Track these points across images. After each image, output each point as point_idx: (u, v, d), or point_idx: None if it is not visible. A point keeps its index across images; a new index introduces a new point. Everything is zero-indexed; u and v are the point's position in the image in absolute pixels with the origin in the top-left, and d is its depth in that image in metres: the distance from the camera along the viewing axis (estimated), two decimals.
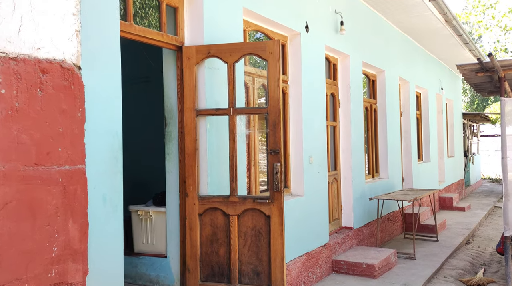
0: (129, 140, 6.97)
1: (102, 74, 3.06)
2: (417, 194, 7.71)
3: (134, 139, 6.99)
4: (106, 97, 3.09)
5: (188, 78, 3.95)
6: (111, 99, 3.12)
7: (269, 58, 3.79)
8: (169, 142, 4.16)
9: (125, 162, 7.00)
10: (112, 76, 3.14)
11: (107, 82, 3.10)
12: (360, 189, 7.27)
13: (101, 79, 3.06)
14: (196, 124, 3.94)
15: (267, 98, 3.80)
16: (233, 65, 3.87)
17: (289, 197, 5.46)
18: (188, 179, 3.94)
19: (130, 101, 7.09)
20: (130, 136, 6.97)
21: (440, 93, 12.61)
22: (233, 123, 3.87)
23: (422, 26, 9.08)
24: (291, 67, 5.66)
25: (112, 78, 3.14)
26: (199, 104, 4.01)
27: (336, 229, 6.79)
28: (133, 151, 6.98)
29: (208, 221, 3.92)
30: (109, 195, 3.05)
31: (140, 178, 6.90)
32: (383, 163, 8.52)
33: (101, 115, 3.04)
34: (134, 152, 6.99)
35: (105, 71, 3.09)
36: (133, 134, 6.99)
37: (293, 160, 5.62)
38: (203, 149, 4.00)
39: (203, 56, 3.93)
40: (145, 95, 6.76)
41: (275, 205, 3.76)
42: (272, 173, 3.76)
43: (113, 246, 3.10)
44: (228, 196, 3.88)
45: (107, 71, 3.11)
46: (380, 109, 8.55)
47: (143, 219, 4.37)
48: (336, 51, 6.74)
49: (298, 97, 5.61)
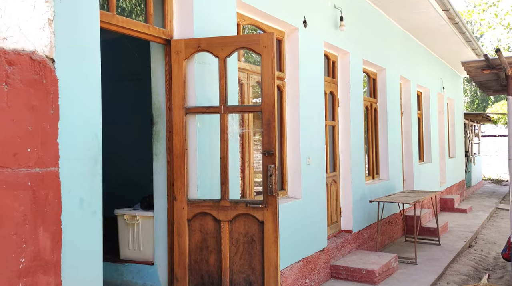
0: (120, 140, 6.77)
1: (79, 68, 2.81)
2: (419, 196, 7.46)
3: (126, 139, 6.74)
4: (84, 94, 2.83)
5: (176, 74, 3.70)
6: (90, 96, 2.87)
7: (263, 53, 3.54)
8: (157, 142, 3.90)
9: (117, 163, 6.80)
10: (91, 72, 2.88)
11: (86, 77, 2.84)
12: (360, 191, 7.01)
13: (79, 74, 2.80)
14: (185, 123, 3.69)
15: (261, 95, 3.54)
16: (224, 60, 3.62)
17: (285, 200, 5.21)
18: (177, 182, 3.69)
19: (123, 99, 6.88)
20: (122, 137, 6.76)
21: (441, 93, 12.36)
22: (225, 122, 3.61)
23: (424, 23, 8.83)
24: (288, 64, 5.40)
25: (91, 74, 2.88)
26: (188, 102, 3.76)
27: (334, 233, 6.54)
28: (125, 151, 6.75)
29: (197, 226, 3.67)
30: (86, 199, 2.80)
31: (132, 179, 6.66)
32: (384, 164, 8.27)
33: (79, 114, 2.78)
34: (127, 153, 6.75)
35: (83, 66, 2.83)
36: (124, 134, 6.75)
37: (290, 161, 5.37)
38: (193, 150, 3.75)
39: (192, 50, 3.68)
40: (138, 94, 6.51)
41: (269, 210, 3.51)
42: (266, 176, 3.51)
43: (92, 254, 2.85)
44: (219, 200, 3.62)
45: (86, 66, 2.85)
46: (381, 109, 8.30)
47: (130, 223, 4.12)
48: (336, 48, 6.48)
49: (296, 96, 5.36)
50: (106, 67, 7.22)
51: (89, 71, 2.87)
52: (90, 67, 2.87)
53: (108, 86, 7.36)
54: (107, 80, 7.27)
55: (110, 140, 6.89)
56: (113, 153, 6.77)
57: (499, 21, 17.84)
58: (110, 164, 6.78)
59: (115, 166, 6.61)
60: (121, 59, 6.60)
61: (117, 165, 6.52)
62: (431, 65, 11.51)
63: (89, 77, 2.86)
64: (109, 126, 7.19)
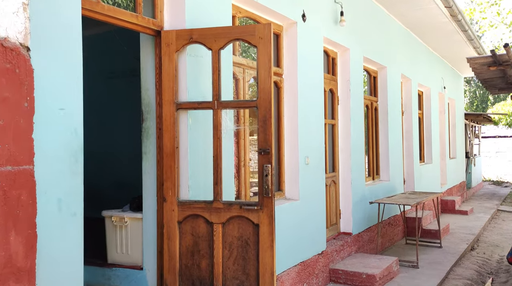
0: (115, 138, 6.54)
1: (58, 58, 2.58)
2: (420, 197, 7.25)
3: (121, 136, 6.52)
4: (64, 86, 2.61)
5: (167, 67, 3.48)
6: (70, 89, 2.64)
7: (259, 44, 3.32)
8: (147, 139, 3.68)
9: (110, 161, 6.56)
10: (72, 62, 2.66)
11: (65, 68, 2.62)
12: (360, 192, 6.80)
13: (58, 64, 2.58)
14: (176, 119, 3.47)
15: (257, 90, 3.33)
16: (218, 52, 3.40)
17: (283, 201, 4.99)
18: (167, 182, 3.47)
19: (119, 96, 6.65)
20: (117, 134, 6.53)
21: (442, 93, 12.16)
22: (218, 118, 3.39)
23: (425, 20, 8.62)
24: (286, 59, 5.18)
25: (72, 64, 2.66)
26: (179, 97, 3.54)
27: (334, 235, 6.33)
28: (120, 149, 6.51)
29: (188, 229, 3.45)
30: (65, 200, 2.57)
31: (125, 178, 6.43)
32: (384, 164, 8.06)
33: (57, 107, 2.56)
34: (121, 151, 6.52)
35: (63, 56, 2.61)
36: (119, 131, 6.52)
37: (288, 160, 5.15)
38: (184, 148, 3.53)
39: (184, 42, 3.46)
40: (133, 90, 6.28)
41: (265, 212, 3.29)
42: (262, 176, 3.29)
43: (71, 259, 2.63)
44: (211, 201, 3.40)
45: (66, 56, 2.62)
46: (381, 108, 8.08)
47: (118, 226, 3.90)
48: (336, 44, 6.27)
49: (294, 92, 5.14)
50: (101, 63, 7.05)
51: (70, 62, 2.64)
52: (70, 57, 2.65)
53: (103, 82, 7.18)
54: (101, 76, 7.09)
55: (104, 137, 6.69)
56: (106, 151, 6.56)
57: (501, 19, 17.63)
58: (103, 162, 6.58)
59: (109, 164, 6.40)
60: (117, 54, 6.38)
61: (110, 163, 6.30)
62: (432, 64, 11.31)
63: (70, 68, 2.64)
64: (103, 123, 7.00)
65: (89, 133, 7.24)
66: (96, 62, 7.17)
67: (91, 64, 7.40)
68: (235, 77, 4.43)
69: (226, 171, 3.85)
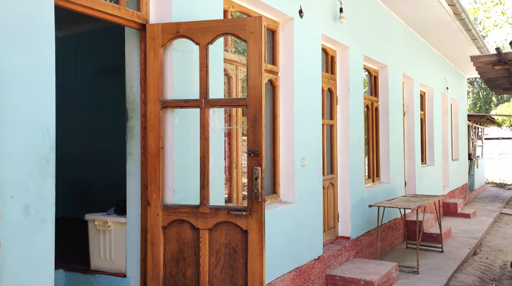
0: (107, 137, 6.35)
1: (27, 51, 2.38)
2: (421, 200, 7.03)
3: (113, 136, 6.32)
4: (34, 83, 2.41)
5: (152, 62, 3.28)
6: (40, 85, 2.44)
7: (249, 39, 3.12)
8: (131, 139, 3.49)
9: (103, 161, 6.36)
10: (43, 56, 2.46)
11: (36, 62, 2.42)
12: (359, 195, 6.59)
13: (26, 58, 2.38)
14: (161, 118, 3.27)
15: (247, 87, 3.13)
16: (206, 47, 3.20)
17: (277, 204, 4.78)
18: (151, 184, 3.27)
19: (105, 95, 6.47)
20: (109, 133, 6.33)
21: (445, 93, 11.93)
22: (205, 117, 3.19)
23: (428, 19, 8.39)
24: (282, 57, 4.98)
25: (43, 58, 2.46)
26: (165, 95, 3.34)
27: (331, 239, 6.11)
28: (111, 148, 6.31)
29: (173, 235, 3.25)
30: (34, 205, 2.37)
31: (119, 179, 6.23)
32: (385, 166, 7.84)
33: (25, 105, 2.36)
34: (113, 150, 6.32)
35: (33, 49, 2.41)
36: (114, 130, 6.32)
37: (283, 162, 4.94)
38: (170, 148, 3.33)
39: (170, 36, 3.26)
40: (123, 89, 6.09)
41: (254, 218, 3.09)
42: (251, 179, 3.08)
43: (41, 269, 2.42)
44: (197, 206, 3.20)
45: (36, 50, 2.42)
46: (382, 108, 7.87)
47: (101, 230, 3.69)
48: (334, 42, 6.06)
49: (290, 91, 4.94)
50: (95, 60, 6.84)
51: (40, 55, 2.44)
52: (41, 51, 2.45)
53: (94, 80, 6.98)
54: (95, 73, 6.89)
55: (99, 136, 6.50)
56: (102, 150, 6.36)
57: (506, 19, 17.33)
58: (99, 162, 6.38)
59: (106, 163, 6.20)
60: (109, 52, 6.18)
61: (107, 162, 6.10)
62: (435, 64, 11.08)
63: (41, 62, 2.44)
64: (98, 122, 6.80)
65: (83, 132, 7.09)
66: (90, 59, 7.00)
67: (85, 61, 7.25)
68: (227, 74, 4.23)
69: (216, 173, 3.65)
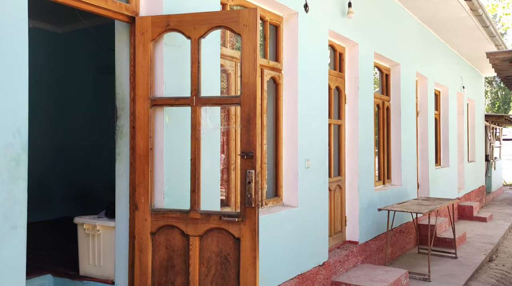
0: (110, 138, 6.19)
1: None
2: (434, 204, 6.73)
3: (106, 137, 6.17)
4: (3, 80, 2.23)
5: (141, 58, 3.09)
6: (11, 82, 2.26)
7: (243, 32, 2.90)
8: (120, 139, 3.30)
9: (103, 160, 6.21)
10: (14, 51, 2.28)
11: (5, 58, 2.24)
12: (368, 198, 6.33)
13: None
14: (150, 117, 3.07)
15: (240, 84, 2.91)
16: (198, 41, 2.99)
17: (279, 208, 4.56)
18: (139, 187, 3.08)
19: (103, 94, 6.32)
20: (111, 134, 6.17)
21: (461, 92, 11.55)
22: (197, 116, 2.99)
23: (443, 15, 8.07)
24: (286, 54, 4.75)
25: (14, 53, 2.28)
26: (155, 92, 3.14)
27: (338, 244, 5.87)
28: (108, 150, 6.16)
29: (162, 241, 3.05)
30: (3, 211, 2.19)
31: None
32: (396, 168, 7.56)
33: None
34: (110, 152, 6.16)
35: (1, 43, 2.23)
36: (105, 132, 6.17)
37: (286, 163, 4.72)
38: (159, 149, 3.13)
39: (161, 29, 3.06)
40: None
41: (247, 225, 2.87)
42: (244, 183, 2.87)
43: (8, 277, 2.24)
44: (188, 211, 3.00)
45: (5, 44, 2.24)
46: (394, 108, 7.58)
47: (90, 234, 3.52)
48: (343, 38, 5.80)
49: (294, 89, 4.71)
50: (93, 59, 6.70)
51: (11, 50, 2.26)
52: (12, 45, 2.27)
53: (89, 79, 6.85)
54: (92, 72, 6.75)
55: (102, 135, 6.36)
56: (103, 149, 6.21)
57: None
58: (101, 161, 6.23)
59: (110, 162, 6.04)
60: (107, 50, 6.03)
61: (107, 162, 5.94)
62: (451, 63, 10.72)
63: (11, 57, 2.26)
64: (98, 121, 6.66)
65: (88, 132, 6.97)
66: (88, 57, 6.87)
67: (81, 59, 7.13)
68: (225, 71, 4.02)
69: (210, 175, 3.45)
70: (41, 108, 6.89)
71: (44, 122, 7.08)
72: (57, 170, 7.52)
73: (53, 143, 7.61)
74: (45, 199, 7.64)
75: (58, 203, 7.26)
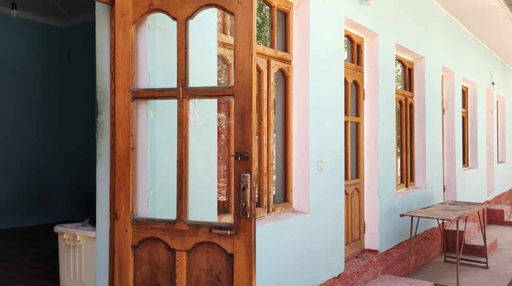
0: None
1: None
2: (462, 209, 6.15)
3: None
4: None
5: (121, 43, 2.67)
6: None
7: (237, 11, 2.46)
8: (101, 138, 2.90)
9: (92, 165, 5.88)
10: None
11: None
12: (390, 202, 5.80)
13: None
14: (132, 111, 2.65)
15: (234, 73, 2.47)
16: (185, 22, 2.56)
17: (289, 214, 4.10)
18: (119, 193, 2.66)
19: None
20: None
21: (490, 89, 10.86)
22: (184, 110, 2.55)
23: (471, 4, 7.46)
24: (296, 43, 4.29)
25: None
26: (138, 83, 2.73)
27: (356, 253, 5.36)
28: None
29: (145, 256, 2.63)
30: None
31: None
32: (420, 169, 6.99)
33: None
34: None
35: None
36: None
37: (296, 165, 4.25)
38: (143, 149, 2.71)
39: (143, 10, 2.64)
40: None
41: (241, 239, 2.42)
42: (238, 189, 2.42)
43: None
44: (173, 221, 2.57)
45: None
46: (418, 104, 7.02)
47: (71, 245, 3.12)
48: (361, 27, 5.30)
49: (305, 83, 4.24)
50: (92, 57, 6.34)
51: None
52: None
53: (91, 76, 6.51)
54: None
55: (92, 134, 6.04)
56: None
57: None
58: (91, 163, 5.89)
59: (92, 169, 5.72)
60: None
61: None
62: (479, 57, 10.05)
63: None
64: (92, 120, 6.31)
65: (84, 134, 6.64)
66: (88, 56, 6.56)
67: (85, 55, 6.82)
68: (226, 62, 3.58)
69: (204, 179, 3.01)
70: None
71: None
72: (59, 170, 7.23)
73: (56, 141, 7.33)
74: (45, 201, 7.36)
75: (59, 205, 6.96)
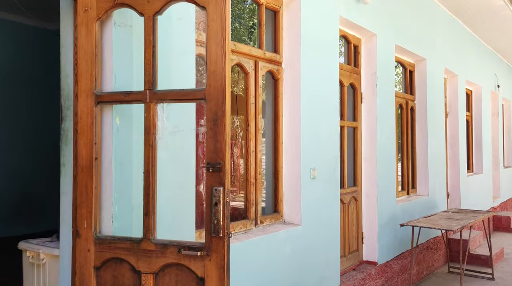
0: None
1: None
2: (467, 218, 5.85)
3: None
4: None
5: (84, 42, 2.41)
6: None
7: (209, 5, 2.20)
8: (65, 146, 2.64)
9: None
10: None
11: None
12: (390, 210, 5.51)
13: None
14: (95, 117, 2.39)
15: (206, 74, 2.20)
16: (153, 18, 2.30)
17: (279, 226, 3.82)
18: (81, 208, 2.40)
19: None
20: None
21: (495, 92, 10.54)
22: (151, 116, 2.29)
23: (475, 4, 7.18)
24: (286, 44, 4.02)
25: None
26: (103, 86, 2.46)
27: (353, 265, 5.07)
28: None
29: (109, 279, 2.36)
30: None
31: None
32: (422, 176, 6.70)
33: None
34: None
35: None
36: None
37: (287, 174, 3.97)
38: (107, 159, 2.45)
39: (108, 4, 2.38)
40: None
41: (213, 261, 2.15)
42: (210, 204, 2.15)
43: None
44: (139, 240, 2.30)
45: None
46: (419, 108, 6.73)
47: (35, 264, 2.86)
48: (358, 28, 5.03)
49: (296, 86, 3.97)
50: None
51: None
52: None
53: None
54: None
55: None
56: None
57: None
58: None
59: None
60: None
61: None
62: (484, 59, 9.75)
63: None
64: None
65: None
66: None
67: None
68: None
69: (180, 193, 2.74)
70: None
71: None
72: (49, 178, 6.99)
73: (50, 146, 7.09)
74: (37, 210, 7.12)
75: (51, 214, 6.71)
